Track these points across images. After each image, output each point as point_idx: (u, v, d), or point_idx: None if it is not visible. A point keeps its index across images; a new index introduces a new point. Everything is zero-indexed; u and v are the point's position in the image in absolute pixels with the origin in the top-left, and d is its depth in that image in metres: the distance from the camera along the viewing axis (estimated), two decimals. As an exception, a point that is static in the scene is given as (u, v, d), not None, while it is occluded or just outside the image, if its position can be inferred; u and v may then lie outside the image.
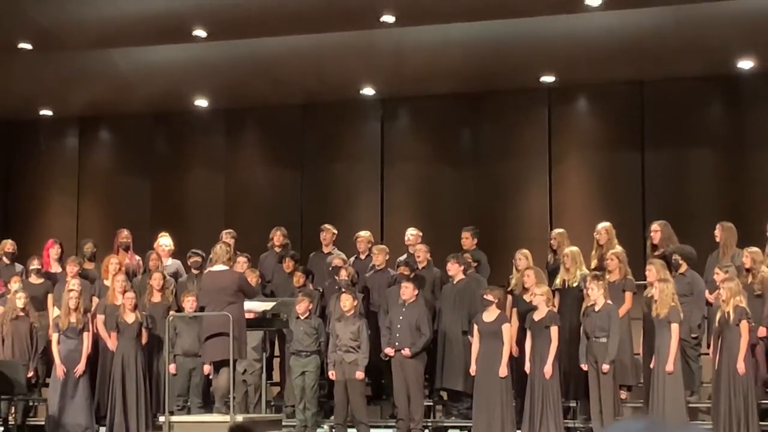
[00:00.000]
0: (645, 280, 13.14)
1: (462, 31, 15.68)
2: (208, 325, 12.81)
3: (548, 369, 12.79)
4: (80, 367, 14.21)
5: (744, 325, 12.24)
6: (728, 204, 16.21)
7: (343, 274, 14.27)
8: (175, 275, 15.32)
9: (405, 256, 14.88)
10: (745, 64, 16.32)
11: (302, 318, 13.84)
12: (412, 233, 15.17)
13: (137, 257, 15.77)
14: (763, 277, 13.07)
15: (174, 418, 12.97)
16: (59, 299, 14.53)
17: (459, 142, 18.24)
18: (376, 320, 14.22)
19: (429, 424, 14.15)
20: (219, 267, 13.01)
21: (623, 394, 13.25)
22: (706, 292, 13.32)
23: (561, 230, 14.75)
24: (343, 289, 13.90)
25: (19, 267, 15.62)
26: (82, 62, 16.97)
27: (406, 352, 13.44)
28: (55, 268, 15.57)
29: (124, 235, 15.78)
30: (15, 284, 14.75)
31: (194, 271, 15.08)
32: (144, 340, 14.21)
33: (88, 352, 14.28)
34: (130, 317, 14.12)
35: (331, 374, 13.65)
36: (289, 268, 15.06)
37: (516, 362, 13.41)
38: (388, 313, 13.86)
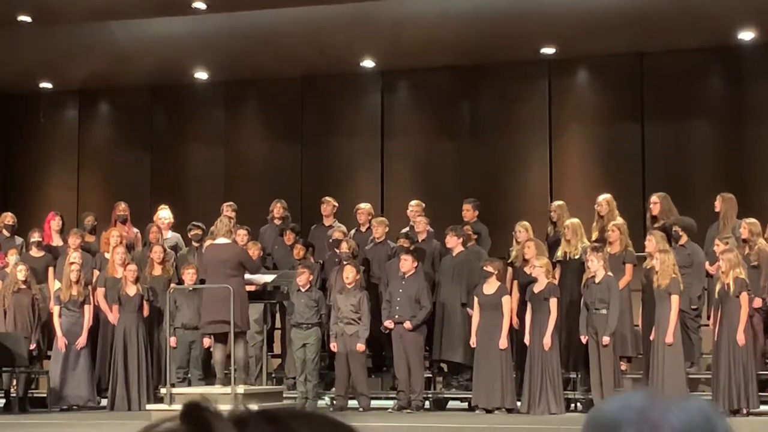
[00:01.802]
0: (645, 251, 13.17)
1: (462, 3, 15.64)
2: (208, 297, 12.85)
3: (547, 341, 12.83)
4: (81, 340, 14.26)
5: (744, 297, 12.28)
6: (728, 175, 16.20)
7: (344, 247, 14.28)
8: (175, 248, 15.34)
9: (407, 228, 14.89)
10: (746, 35, 16.27)
11: (303, 290, 13.87)
12: (412, 205, 15.16)
13: (135, 230, 15.79)
14: (759, 249, 13.09)
15: (175, 390, 13.03)
16: (61, 272, 14.56)
17: (459, 114, 18.22)
18: (377, 293, 14.25)
19: (429, 395, 14.19)
20: (221, 240, 13.06)
21: (623, 366, 13.30)
22: (707, 263, 13.34)
23: (561, 202, 14.76)
24: (345, 262, 13.92)
25: (18, 240, 15.63)
26: (81, 35, 16.94)
27: (408, 324, 13.48)
28: (56, 240, 15.59)
29: (122, 207, 15.79)
30: (12, 257, 14.76)
31: (194, 244, 15.10)
32: (145, 312, 14.25)
33: (89, 324, 14.32)
34: (131, 290, 14.15)
35: (333, 346, 13.70)
36: (290, 241, 15.07)
37: (516, 334, 13.45)
38: (388, 285, 13.89)
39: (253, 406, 1.12)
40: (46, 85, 19.28)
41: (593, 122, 17.54)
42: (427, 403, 14.01)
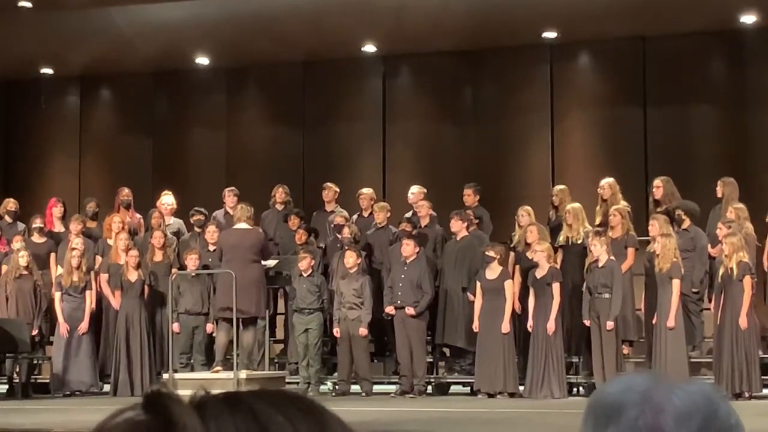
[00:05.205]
0: (648, 235, 13.18)
1: (463, -13, 15.62)
2: (228, 283, 12.88)
3: (551, 325, 12.83)
4: (83, 326, 14.27)
5: (747, 281, 12.28)
6: (730, 159, 16.18)
7: (346, 232, 14.29)
8: (178, 234, 15.36)
9: (410, 213, 14.89)
10: (748, 18, 16.23)
11: (305, 275, 13.87)
12: (414, 191, 15.16)
13: (138, 215, 15.81)
14: (746, 233, 13.08)
15: (178, 376, 13.06)
16: (62, 258, 14.57)
17: (461, 99, 18.20)
18: (379, 278, 14.26)
19: (432, 380, 14.21)
20: (242, 225, 13.20)
21: (625, 350, 13.31)
22: (709, 246, 13.35)
23: (563, 186, 14.77)
24: (347, 247, 13.92)
25: (21, 226, 15.65)
26: (82, 20, 16.92)
27: (411, 311, 13.47)
28: (58, 227, 15.60)
29: (125, 193, 15.80)
30: (17, 243, 14.78)
31: (197, 230, 15.11)
32: (146, 297, 14.27)
33: (91, 310, 14.34)
34: (133, 275, 14.16)
35: (336, 331, 13.71)
36: (294, 225, 15.05)
37: (518, 319, 13.46)
38: (390, 271, 13.89)
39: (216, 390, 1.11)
40: (47, 70, 19.26)
41: (595, 106, 17.52)
42: (429, 387, 14.03)
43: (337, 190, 15.65)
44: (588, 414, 1.37)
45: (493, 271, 13.25)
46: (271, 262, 13.76)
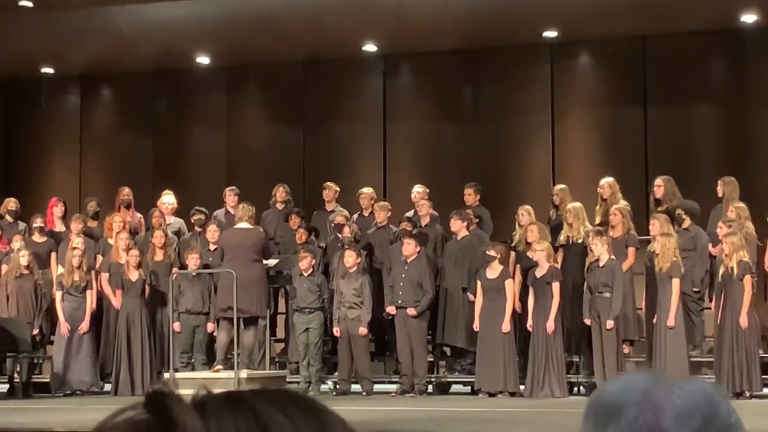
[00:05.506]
0: (648, 235, 13.18)
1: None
2: (229, 283, 12.89)
3: (551, 325, 12.83)
4: (84, 325, 14.28)
5: (747, 280, 12.28)
6: (731, 158, 16.18)
7: (347, 231, 14.29)
8: (178, 233, 15.36)
9: (411, 212, 14.89)
10: (749, 17, 16.23)
11: (305, 275, 13.87)
12: (417, 190, 15.17)
13: (138, 215, 15.81)
14: (747, 232, 13.09)
15: (179, 375, 13.06)
16: (63, 258, 14.57)
17: (461, 98, 18.20)
18: (380, 277, 14.26)
19: (432, 379, 14.22)
20: (243, 225, 13.21)
21: (626, 349, 13.31)
22: (710, 245, 13.36)
23: (563, 186, 14.77)
24: (347, 246, 13.92)
25: (22, 225, 15.65)
26: (82, 20, 16.92)
27: (412, 311, 13.47)
28: (59, 226, 15.61)
29: (125, 192, 15.80)
30: (17, 243, 14.78)
31: (197, 229, 15.12)
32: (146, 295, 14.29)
33: (92, 310, 14.34)
34: (133, 275, 14.17)
35: (336, 331, 13.71)
36: (295, 225, 15.05)
37: (519, 318, 13.46)
38: (391, 270, 13.89)
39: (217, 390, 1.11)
40: (47, 70, 19.25)
41: (596, 106, 17.52)
42: (430, 387, 14.03)
43: (338, 189, 15.65)
44: (588, 413, 1.37)
45: (493, 271, 13.25)
46: (271, 262, 13.76)
